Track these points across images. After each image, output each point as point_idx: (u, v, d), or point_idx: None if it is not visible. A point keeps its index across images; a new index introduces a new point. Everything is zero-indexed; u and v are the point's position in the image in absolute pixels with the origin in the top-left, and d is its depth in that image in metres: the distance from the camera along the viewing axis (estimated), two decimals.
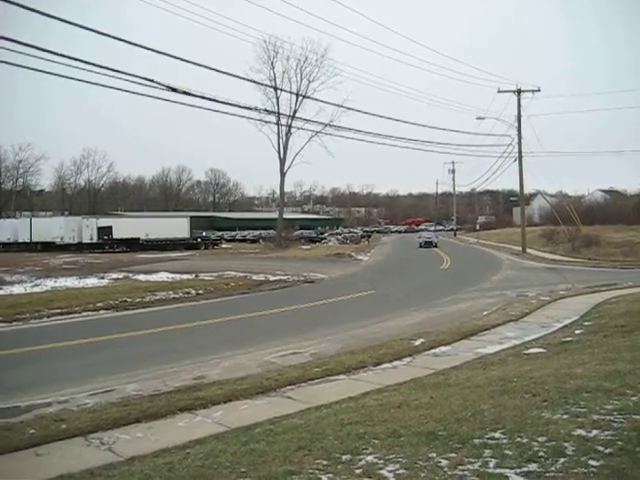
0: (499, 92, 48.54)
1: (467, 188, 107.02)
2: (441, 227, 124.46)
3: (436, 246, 62.82)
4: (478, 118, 50.79)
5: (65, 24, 11.92)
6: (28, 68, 12.16)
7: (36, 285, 27.89)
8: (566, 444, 5.81)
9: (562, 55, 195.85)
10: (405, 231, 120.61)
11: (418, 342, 14.16)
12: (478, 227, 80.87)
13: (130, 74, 13.40)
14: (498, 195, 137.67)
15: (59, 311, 20.52)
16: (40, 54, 11.59)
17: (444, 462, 5.65)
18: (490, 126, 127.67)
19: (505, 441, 6.08)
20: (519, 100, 48.42)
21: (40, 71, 12.31)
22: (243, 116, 23.90)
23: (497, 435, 6.29)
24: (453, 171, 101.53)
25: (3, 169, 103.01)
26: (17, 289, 26.45)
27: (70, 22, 12.00)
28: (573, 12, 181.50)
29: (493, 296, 23.67)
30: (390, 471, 5.56)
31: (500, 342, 14.25)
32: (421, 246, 63.35)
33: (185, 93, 15.53)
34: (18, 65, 11.93)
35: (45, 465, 7.20)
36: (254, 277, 31.66)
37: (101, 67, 12.67)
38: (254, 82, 51.07)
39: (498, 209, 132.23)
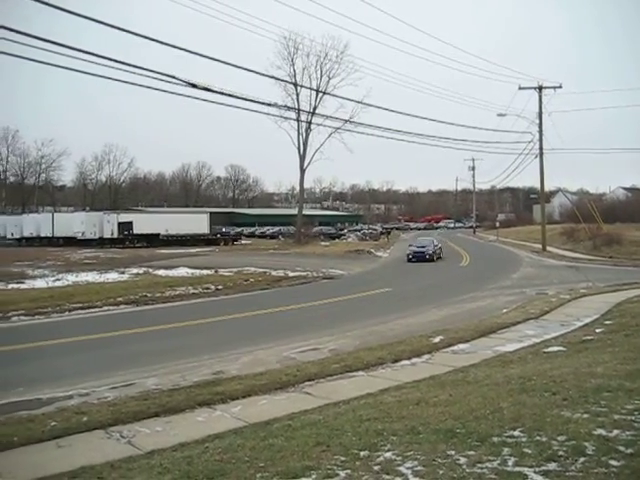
0: (520, 89, 48.02)
1: (487, 185, 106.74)
2: (460, 224, 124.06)
3: (431, 259, 41.12)
4: (499, 115, 50.38)
5: (77, 19, 12.01)
6: (49, 64, 12.28)
7: (58, 279, 28.20)
8: (586, 443, 5.77)
9: (571, 51, 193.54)
10: (424, 228, 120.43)
11: (437, 339, 14.13)
12: (498, 224, 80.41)
13: (152, 70, 13.47)
14: (518, 192, 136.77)
15: (80, 305, 20.75)
16: (61, 50, 11.68)
17: (463, 460, 5.63)
18: (511, 123, 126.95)
19: (524, 439, 6.05)
20: (540, 97, 47.95)
21: (60, 67, 12.42)
22: (263, 112, 24.19)
23: (516, 433, 6.26)
24: (473, 168, 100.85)
25: (26, 164, 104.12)
26: (39, 283, 26.77)
27: (90, 18, 12.08)
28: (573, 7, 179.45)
29: (513, 294, 23.54)
30: (408, 468, 5.55)
31: (519, 340, 14.17)
32: (410, 260, 41.10)
33: (205, 89, 15.58)
34: (40, 62, 12.04)
35: (67, 457, 7.28)
36: (273, 273, 31.74)
37: (122, 63, 12.75)
38: (274, 78, 50.92)
39: (518, 206, 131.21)
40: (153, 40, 13.57)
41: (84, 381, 11.10)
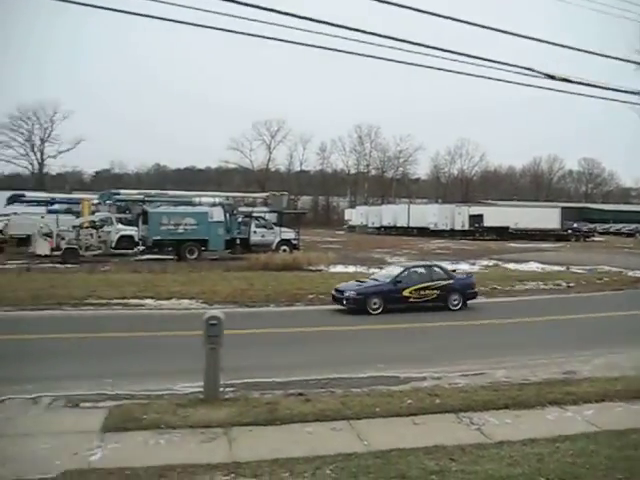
0: None
1: None
2: None
3: (359, 308, 18.16)
4: None
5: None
6: (423, 66, 13.06)
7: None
8: None
9: None
10: None
11: None
12: None
13: (509, 64, 13.47)
14: None
15: None
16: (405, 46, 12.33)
17: None
18: None
19: None
20: None
21: (421, 65, 13.12)
22: (620, 100, 22.24)
23: None
24: None
25: (386, 159, 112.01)
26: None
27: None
28: None
29: None
30: None
31: None
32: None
33: (564, 80, 15.05)
34: (411, 63, 12.89)
35: (423, 434, 7.81)
36: (630, 273, 29.42)
37: (483, 59, 12.99)
38: (636, 63, 46.93)
39: None
40: (517, 35, 13.57)
41: (436, 365, 11.75)
